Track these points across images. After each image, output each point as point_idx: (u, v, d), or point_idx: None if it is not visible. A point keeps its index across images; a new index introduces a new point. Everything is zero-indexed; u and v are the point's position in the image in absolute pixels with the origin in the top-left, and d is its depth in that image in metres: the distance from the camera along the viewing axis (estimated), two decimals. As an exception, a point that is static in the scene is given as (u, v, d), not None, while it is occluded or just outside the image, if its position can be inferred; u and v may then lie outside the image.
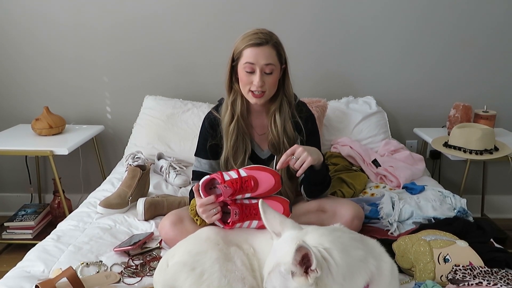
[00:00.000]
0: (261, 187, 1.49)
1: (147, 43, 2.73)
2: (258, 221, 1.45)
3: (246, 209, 1.46)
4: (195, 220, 1.56)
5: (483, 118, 2.52)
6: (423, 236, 1.48)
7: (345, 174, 2.19)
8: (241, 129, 1.64)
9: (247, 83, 1.56)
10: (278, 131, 1.64)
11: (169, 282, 1.25)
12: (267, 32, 1.57)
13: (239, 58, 1.57)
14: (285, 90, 1.65)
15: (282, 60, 1.59)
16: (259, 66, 1.53)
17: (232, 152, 1.63)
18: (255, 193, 1.49)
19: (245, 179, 1.47)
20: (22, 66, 2.76)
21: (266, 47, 1.53)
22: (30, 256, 1.54)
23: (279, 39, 1.60)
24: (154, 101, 2.67)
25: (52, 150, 2.29)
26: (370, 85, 2.80)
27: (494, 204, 2.99)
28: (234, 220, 1.43)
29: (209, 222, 1.47)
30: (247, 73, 1.55)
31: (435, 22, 2.70)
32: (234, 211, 1.42)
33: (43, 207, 2.63)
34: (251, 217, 1.45)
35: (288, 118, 1.65)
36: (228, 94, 1.66)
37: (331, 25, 2.71)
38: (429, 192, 1.98)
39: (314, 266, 0.95)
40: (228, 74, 1.63)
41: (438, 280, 1.34)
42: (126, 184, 1.95)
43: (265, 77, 1.55)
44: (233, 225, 1.44)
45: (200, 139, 1.72)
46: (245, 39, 1.55)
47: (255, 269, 1.30)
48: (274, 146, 1.66)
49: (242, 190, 1.45)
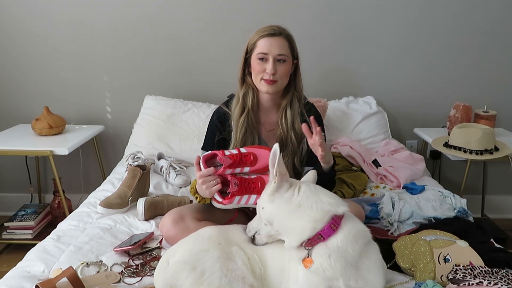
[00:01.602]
0: (260, 162, 1.50)
1: (147, 43, 2.73)
2: (257, 196, 1.45)
3: (246, 182, 1.47)
4: (195, 198, 1.56)
5: (483, 118, 2.53)
6: (423, 236, 1.48)
7: (345, 174, 2.19)
8: (250, 122, 1.67)
9: (260, 72, 1.60)
10: (288, 126, 1.67)
11: (169, 280, 1.25)
12: (280, 26, 1.63)
13: (253, 49, 1.61)
14: (296, 86, 1.70)
15: (294, 54, 1.64)
16: (272, 55, 1.58)
17: (241, 144, 1.65)
18: (254, 167, 1.50)
19: (245, 154, 1.49)
20: (22, 66, 2.76)
21: (279, 37, 1.59)
22: (30, 256, 1.54)
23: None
24: (154, 101, 2.67)
25: (52, 150, 2.29)
26: (370, 85, 2.80)
27: (494, 204, 2.99)
28: (233, 190, 1.43)
29: (209, 194, 1.48)
30: (260, 62, 1.59)
31: (435, 23, 2.70)
32: (233, 181, 1.43)
33: (43, 207, 2.63)
34: (250, 191, 1.46)
35: (297, 114, 1.69)
36: (240, 86, 1.70)
37: (331, 24, 2.71)
38: (429, 192, 1.98)
39: (276, 168, 1.17)
40: (242, 67, 1.67)
41: (438, 280, 1.34)
42: (126, 184, 1.95)
43: (278, 65, 1.59)
44: (232, 197, 1.44)
45: (207, 133, 1.74)
46: (259, 31, 1.61)
47: (256, 270, 1.30)
48: (282, 141, 1.68)
49: (241, 163, 1.47)
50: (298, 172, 1.70)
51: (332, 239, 1.16)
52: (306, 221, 1.17)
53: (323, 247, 1.17)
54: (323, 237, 1.16)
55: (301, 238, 1.18)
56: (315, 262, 1.17)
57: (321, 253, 1.16)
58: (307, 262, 1.18)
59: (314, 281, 1.17)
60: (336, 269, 1.15)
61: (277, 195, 1.21)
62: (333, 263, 1.15)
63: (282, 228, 1.23)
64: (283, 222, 1.22)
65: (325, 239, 1.16)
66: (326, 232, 1.16)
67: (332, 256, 1.15)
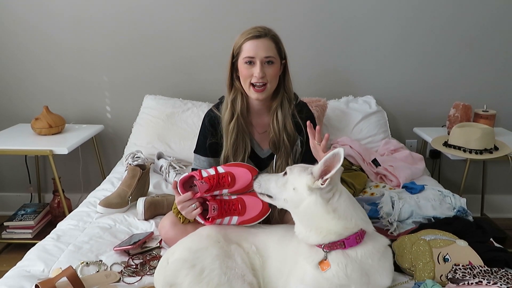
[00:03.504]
0: (238, 183, 1.49)
1: (147, 42, 2.72)
2: (238, 217, 1.46)
3: (225, 204, 1.46)
4: (178, 218, 1.57)
5: (483, 117, 2.53)
6: (422, 236, 1.48)
7: (345, 174, 2.19)
8: (241, 127, 1.63)
9: (247, 76, 1.56)
10: (280, 128, 1.64)
11: (169, 279, 1.25)
12: (265, 27, 1.58)
13: (239, 53, 1.57)
14: (285, 86, 1.65)
15: (281, 54, 1.60)
16: (259, 58, 1.53)
17: (232, 151, 1.63)
18: (232, 189, 1.49)
19: (222, 175, 1.47)
20: (22, 66, 2.76)
21: (265, 39, 1.54)
22: (30, 255, 1.54)
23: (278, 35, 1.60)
24: (154, 101, 2.67)
25: (52, 150, 2.29)
26: (370, 84, 2.80)
27: (494, 203, 2.99)
28: (213, 215, 1.42)
29: (190, 218, 1.48)
30: (248, 66, 1.54)
31: (435, 22, 2.70)
32: (212, 206, 1.43)
33: (42, 207, 2.62)
34: (230, 212, 1.45)
35: (288, 115, 1.65)
36: (228, 92, 1.65)
37: (330, 23, 2.71)
38: (429, 191, 1.98)
39: (332, 173, 1.16)
40: (229, 72, 1.62)
41: (437, 280, 1.34)
42: (126, 183, 1.95)
43: (266, 68, 1.54)
44: (213, 220, 1.44)
45: (200, 136, 1.72)
46: (244, 34, 1.56)
47: (256, 268, 1.31)
48: (274, 144, 1.66)
49: (219, 186, 1.46)
50: None
51: (352, 249, 1.20)
52: (336, 226, 1.20)
53: (341, 255, 1.19)
54: (344, 245, 1.20)
55: (325, 240, 1.20)
56: (332, 267, 1.18)
57: (339, 260, 1.19)
58: (324, 264, 1.20)
59: (324, 285, 1.19)
60: (351, 278, 1.18)
61: (318, 191, 1.20)
62: (349, 272, 1.18)
63: (309, 221, 1.23)
64: (313, 217, 1.22)
65: (345, 248, 1.20)
66: (351, 242, 1.20)
67: (349, 266, 1.18)
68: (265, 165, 1.68)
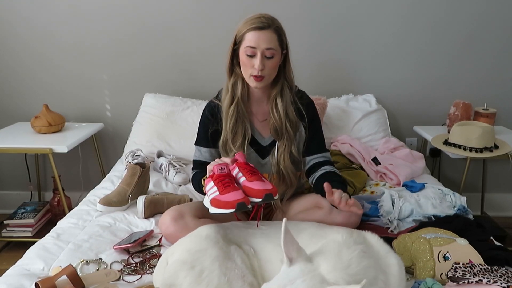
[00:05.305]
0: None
1: (146, 41, 2.72)
2: (246, 179, 1.42)
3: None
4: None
5: (483, 116, 2.52)
6: (423, 234, 1.48)
7: (345, 172, 2.19)
8: (241, 112, 1.64)
9: (248, 67, 1.57)
10: (280, 116, 1.65)
11: (168, 280, 1.24)
12: (269, 16, 1.59)
13: (241, 41, 1.58)
14: (286, 75, 1.67)
15: (283, 45, 1.60)
16: (260, 50, 1.54)
17: (231, 134, 1.64)
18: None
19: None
20: (21, 64, 2.75)
21: (267, 31, 1.54)
22: (29, 254, 1.54)
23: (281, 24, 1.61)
24: (153, 99, 2.67)
25: (52, 148, 2.29)
26: (370, 83, 2.80)
27: (494, 202, 2.99)
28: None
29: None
30: (248, 57, 1.56)
31: (436, 20, 2.69)
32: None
33: (42, 205, 2.63)
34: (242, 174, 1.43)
35: (290, 102, 1.67)
36: (229, 77, 1.66)
37: (331, 20, 2.70)
38: (429, 190, 1.98)
39: None
40: (230, 57, 1.63)
41: (438, 278, 1.34)
42: (126, 182, 1.95)
43: (266, 61, 1.56)
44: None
45: (200, 128, 1.72)
46: (248, 23, 1.57)
47: (255, 269, 1.30)
48: (276, 131, 1.67)
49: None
50: (296, 160, 1.69)
51: None
52: None
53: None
54: None
55: None
56: None
57: None
58: None
59: None
60: None
61: None
62: None
63: None
64: None
65: None
66: None
67: None
68: (267, 152, 1.70)
